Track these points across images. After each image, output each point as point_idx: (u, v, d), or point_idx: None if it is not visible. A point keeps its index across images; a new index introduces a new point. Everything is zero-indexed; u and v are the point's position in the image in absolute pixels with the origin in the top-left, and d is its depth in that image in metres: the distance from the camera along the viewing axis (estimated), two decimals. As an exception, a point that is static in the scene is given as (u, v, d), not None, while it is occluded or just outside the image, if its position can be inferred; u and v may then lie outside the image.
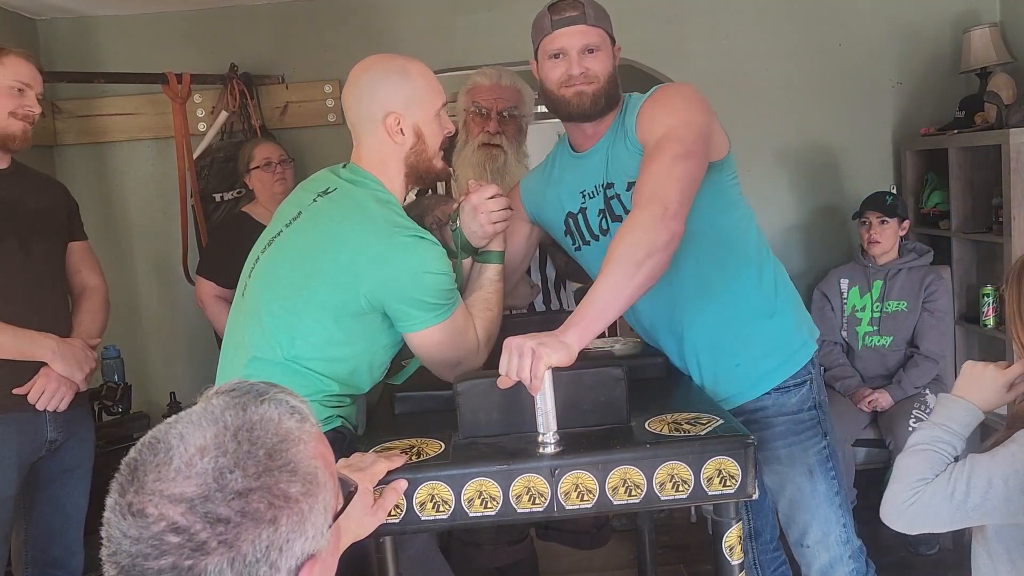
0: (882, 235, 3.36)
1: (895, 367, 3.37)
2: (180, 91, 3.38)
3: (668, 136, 1.69)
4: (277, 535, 0.78)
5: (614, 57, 1.87)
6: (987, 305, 3.32)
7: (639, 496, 1.43)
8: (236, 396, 0.84)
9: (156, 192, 3.76)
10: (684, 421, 1.54)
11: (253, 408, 0.83)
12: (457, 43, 3.75)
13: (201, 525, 0.76)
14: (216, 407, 0.83)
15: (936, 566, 3.12)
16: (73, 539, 2.36)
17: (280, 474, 0.80)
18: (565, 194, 1.95)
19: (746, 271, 1.90)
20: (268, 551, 0.77)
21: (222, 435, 0.80)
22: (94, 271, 2.46)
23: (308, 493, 0.81)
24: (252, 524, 0.77)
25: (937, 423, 1.52)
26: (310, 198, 1.75)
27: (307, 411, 0.88)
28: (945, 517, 1.47)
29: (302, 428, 0.85)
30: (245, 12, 3.73)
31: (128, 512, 0.77)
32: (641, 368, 1.85)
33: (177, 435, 0.80)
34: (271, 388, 0.87)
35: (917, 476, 1.48)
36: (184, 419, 0.82)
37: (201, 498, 0.76)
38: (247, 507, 0.77)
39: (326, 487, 0.84)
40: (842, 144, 3.84)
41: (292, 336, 1.66)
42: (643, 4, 3.71)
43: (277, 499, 0.79)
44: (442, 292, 1.66)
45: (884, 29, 3.78)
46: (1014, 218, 3.05)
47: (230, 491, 0.77)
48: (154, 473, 0.78)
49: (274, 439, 0.82)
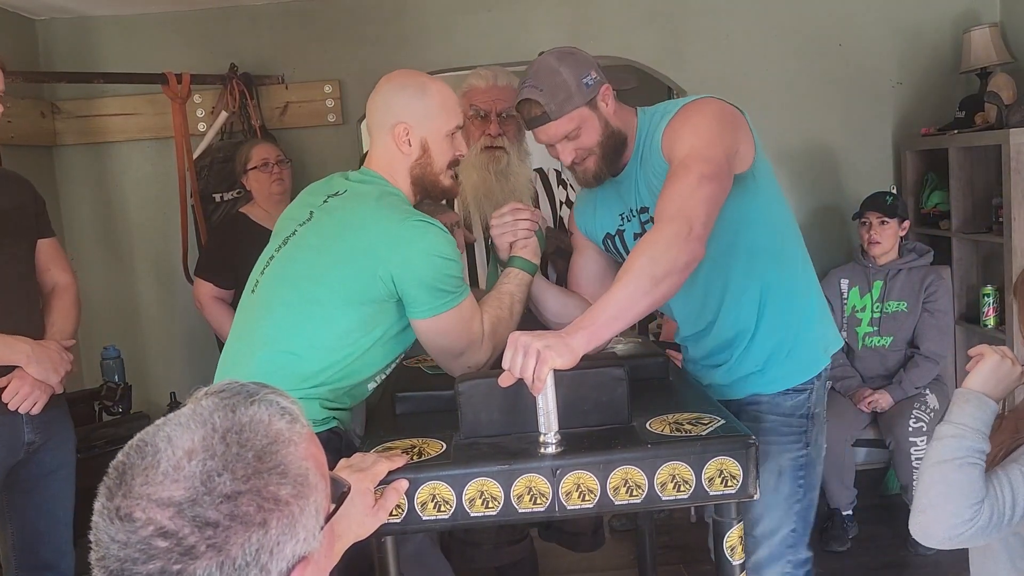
0: (882, 235, 3.36)
1: (895, 367, 3.37)
2: (180, 91, 3.38)
3: (694, 155, 1.68)
4: (267, 538, 0.78)
5: (604, 106, 1.82)
6: (987, 305, 3.32)
7: (640, 496, 1.43)
8: (226, 397, 0.84)
9: (156, 192, 3.76)
10: (685, 421, 1.55)
11: (243, 409, 0.82)
12: (457, 43, 3.75)
13: (189, 529, 0.75)
14: (205, 408, 0.82)
15: (935, 566, 3.12)
16: (62, 540, 2.34)
17: (270, 476, 0.79)
18: (607, 215, 1.99)
19: (777, 282, 1.89)
20: (258, 554, 0.77)
21: (210, 437, 0.79)
22: (64, 268, 2.43)
23: (299, 495, 0.81)
24: (242, 527, 0.76)
25: (971, 428, 1.43)
26: (320, 199, 1.80)
27: (298, 412, 0.87)
28: (992, 535, 1.42)
29: (292, 429, 0.84)
30: (245, 12, 3.73)
31: (116, 516, 0.76)
32: (642, 368, 1.85)
33: (165, 438, 0.79)
34: (261, 389, 0.86)
35: (972, 496, 1.39)
36: (172, 421, 0.82)
37: (189, 502, 0.75)
38: (236, 510, 0.76)
39: (317, 488, 0.84)
40: (842, 144, 3.84)
41: (307, 326, 1.68)
42: (643, 5, 3.71)
43: (267, 502, 0.78)
44: (451, 279, 1.68)
45: (884, 29, 3.78)
46: (1014, 218, 3.05)
47: (218, 494, 0.76)
48: (141, 476, 0.77)
49: (264, 441, 0.81)
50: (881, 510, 3.55)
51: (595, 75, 1.80)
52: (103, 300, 3.78)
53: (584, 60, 1.81)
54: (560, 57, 1.79)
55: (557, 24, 3.72)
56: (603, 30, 3.64)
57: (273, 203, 3.16)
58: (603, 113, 1.81)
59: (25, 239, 2.32)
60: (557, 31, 3.70)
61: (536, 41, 3.70)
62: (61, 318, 2.34)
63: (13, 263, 2.24)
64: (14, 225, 2.26)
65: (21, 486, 2.26)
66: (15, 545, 2.30)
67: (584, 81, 1.78)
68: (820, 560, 3.19)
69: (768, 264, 1.87)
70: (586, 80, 1.78)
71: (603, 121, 1.82)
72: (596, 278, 2.06)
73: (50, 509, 2.31)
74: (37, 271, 2.36)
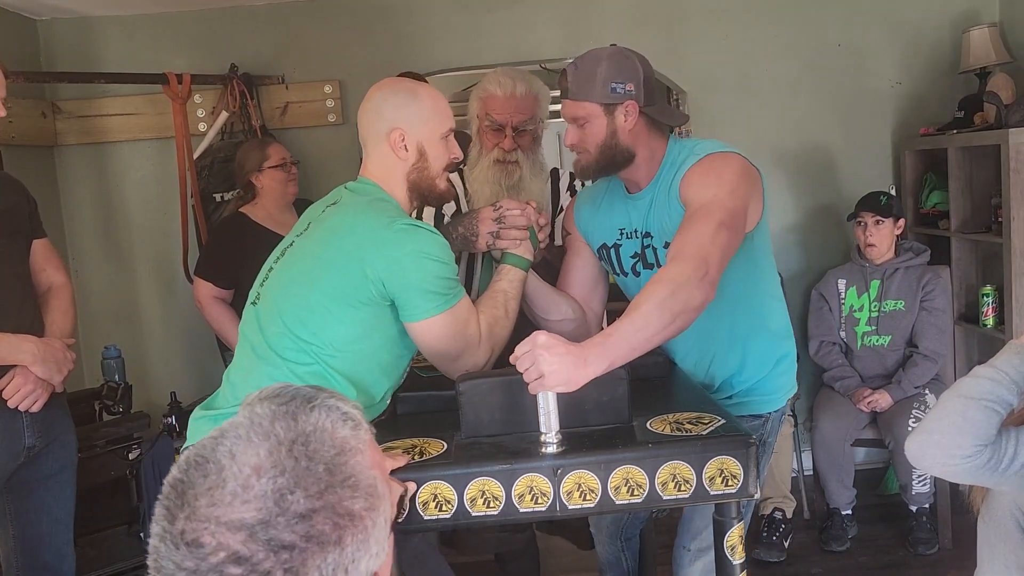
0: (877, 236, 3.36)
1: (894, 367, 3.37)
2: (180, 91, 3.38)
3: (717, 203, 1.72)
4: (343, 556, 0.73)
5: (622, 119, 1.85)
6: (987, 305, 3.32)
7: (641, 496, 1.44)
8: (282, 403, 0.79)
9: (156, 192, 3.76)
10: (686, 421, 1.55)
11: (304, 417, 0.77)
12: (458, 43, 3.75)
13: (264, 553, 0.70)
14: (263, 417, 0.77)
15: (935, 566, 3.12)
16: (63, 542, 2.34)
17: (343, 490, 0.75)
18: (608, 225, 2.03)
19: (757, 333, 1.99)
20: (335, 573, 0.72)
21: (276, 451, 0.74)
22: (58, 268, 2.43)
23: (371, 508, 0.76)
24: (318, 548, 0.72)
25: (1009, 378, 1.46)
26: (319, 211, 1.83)
27: (359, 416, 0.82)
28: (981, 479, 1.48)
29: (357, 436, 0.79)
30: (245, 12, 3.73)
31: (182, 542, 0.70)
32: (643, 368, 1.84)
33: (227, 453, 0.74)
34: (319, 392, 0.81)
35: (980, 439, 1.44)
36: (231, 434, 0.76)
37: (262, 524, 0.70)
38: (311, 530, 0.72)
39: (384, 498, 0.79)
40: (841, 144, 3.84)
41: (307, 332, 1.68)
42: (644, 5, 3.71)
43: (342, 518, 0.73)
44: (443, 280, 1.68)
45: (883, 29, 3.78)
46: (1013, 218, 3.04)
47: (292, 514, 0.71)
48: (206, 497, 0.72)
49: (331, 452, 0.76)
50: (881, 510, 3.56)
51: (631, 88, 1.84)
52: (103, 300, 3.79)
53: (629, 69, 1.85)
54: (612, 54, 1.86)
55: (558, 24, 3.72)
56: (603, 30, 3.63)
57: (284, 203, 3.17)
58: (617, 123, 1.85)
59: (20, 239, 2.32)
60: (558, 31, 3.71)
61: (537, 41, 3.72)
62: (60, 317, 2.34)
63: (9, 263, 2.24)
64: (9, 225, 2.27)
65: (22, 488, 2.26)
66: (16, 547, 2.30)
67: (613, 86, 1.83)
68: (820, 560, 3.22)
69: (743, 320, 1.95)
70: (615, 86, 1.83)
71: (611, 130, 1.85)
72: (588, 283, 2.11)
73: (51, 511, 2.31)
74: (32, 271, 2.36)
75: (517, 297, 1.88)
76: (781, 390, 2.05)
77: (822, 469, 3.33)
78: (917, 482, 3.19)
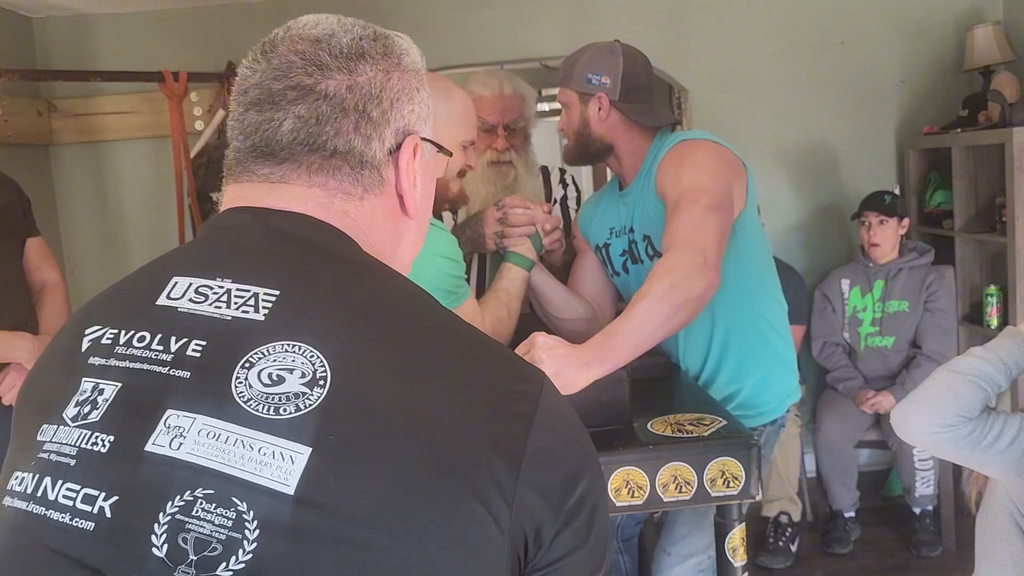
0: (881, 235, 3.34)
1: (897, 368, 3.34)
2: (177, 89, 3.36)
3: (697, 188, 1.67)
4: (389, 83, 0.84)
5: (595, 110, 1.87)
6: (991, 305, 3.29)
7: (642, 497, 1.42)
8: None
9: (153, 191, 3.74)
10: (687, 422, 1.53)
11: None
12: (457, 40, 3.73)
13: (325, 53, 0.83)
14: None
15: (939, 569, 3.10)
16: None
17: (400, 59, 0.88)
18: (600, 227, 2.04)
19: (741, 332, 1.90)
20: (381, 94, 0.83)
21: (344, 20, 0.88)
22: (52, 266, 2.44)
23: (419, 81, 0.89)
24: (369, 63, 0.84)
25: (1000, 360, 1.50)
26: None
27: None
28: (963, 453, 1.50)
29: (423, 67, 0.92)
30: (242, 10, 3.71)
31: (261, 57, 0.85)
32: (643, 369, 1.82)
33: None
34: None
35: (962, 411, 1.47)
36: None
37: (327, 35, 0.84)
38: (366, 48, 0.84)
39: (428, 95, 0.91)
40: (844, 143, 3.82)
41: None
42: (645, 2, 3.69)
43: (391, 58, 0.86)
44: (452, 279, 1.66)
45: (887, 27, 3.76)
46: (1018, 217, 3.02)
47: (352, 34, 0.85)
48: (283, 32, 0.86)
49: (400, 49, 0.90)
50: (884, 512, 3.54)
51: (605, 80, 1.86)
52: (100, 300, 3.77)
53: (608, 63, 1.87)
54: (599, 47, 1.91)
55: (558, 21, 3.70)
56: (604, 27, 3.61)
57: None
58: (589, 112, 1.88)
59: (14, 238, 2.32)
60: (558, 28, 3.68)
61: (537, 39, 3.70)
62: (55, 315, 2.35)
63: (3, 262, 2.25)
64: (3, 224, 2.27)
65: None
66: None
67: (588, 76, 1.87)
68: (823, 562, 3.20)
69: (732, 315, 1.87)
70: (591, 76, 1.87)
71: (584, 118, 1.89)
72: (598, 284, 2.10)
73: None
74: (26, 270, 2.36)
75: (519, 297, 1.87)
76: (775, 400, 1.96)
77: (825, 471, 3.31)
78: (921, 484, 3.17)
